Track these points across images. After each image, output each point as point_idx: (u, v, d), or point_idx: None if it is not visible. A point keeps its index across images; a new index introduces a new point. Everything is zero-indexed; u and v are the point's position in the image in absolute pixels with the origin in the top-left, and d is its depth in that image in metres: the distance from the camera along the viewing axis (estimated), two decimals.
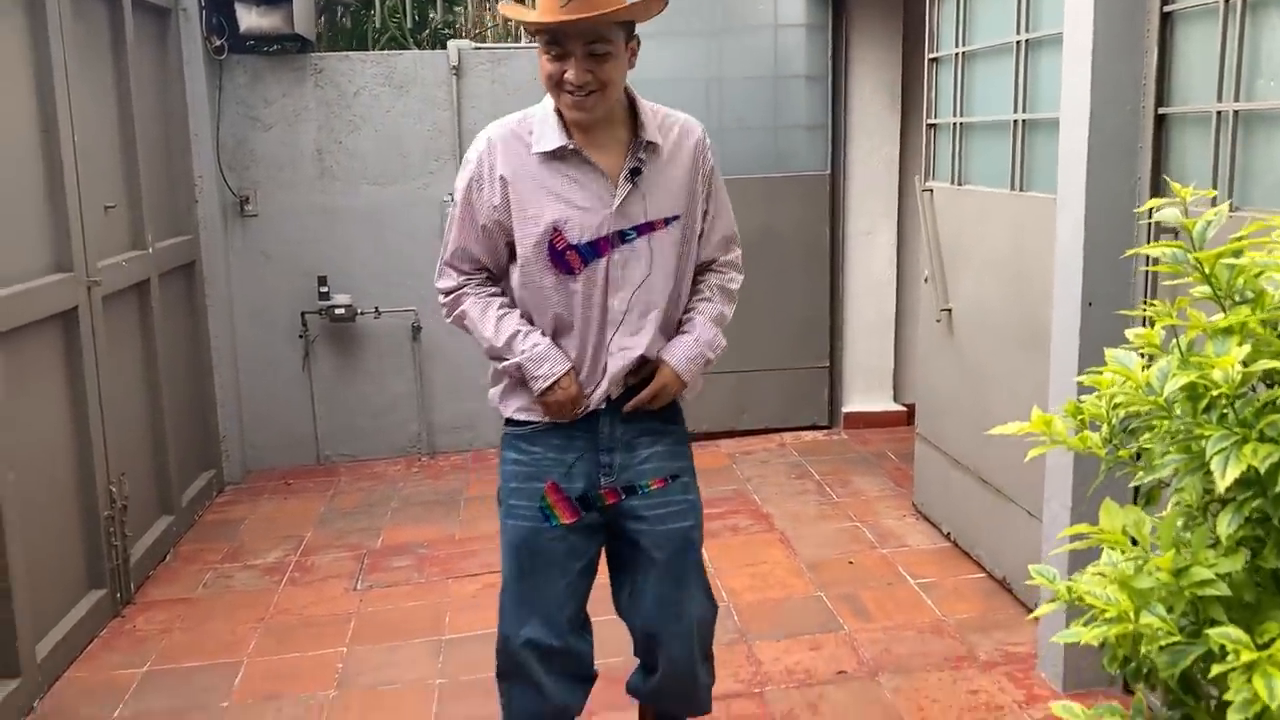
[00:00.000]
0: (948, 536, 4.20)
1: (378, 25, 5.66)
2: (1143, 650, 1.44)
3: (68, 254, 3.68)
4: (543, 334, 2.30)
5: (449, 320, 2.40)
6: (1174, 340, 1.45)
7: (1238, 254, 1.44)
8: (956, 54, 3.98)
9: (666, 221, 2.29)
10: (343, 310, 5.36)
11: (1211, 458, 1.27)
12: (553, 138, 2.22)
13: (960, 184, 4.01)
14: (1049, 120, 3.31)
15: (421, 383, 5.60)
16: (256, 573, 4.24)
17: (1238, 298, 1.44)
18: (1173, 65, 2.74)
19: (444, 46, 5.60)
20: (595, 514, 2.34)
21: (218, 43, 5.13)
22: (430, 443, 5.66)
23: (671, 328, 2.38)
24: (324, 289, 5.37)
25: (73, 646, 3.54)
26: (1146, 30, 2.77)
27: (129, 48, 4.30)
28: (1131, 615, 1.37)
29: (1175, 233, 1.99)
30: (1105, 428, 1.54)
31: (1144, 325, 1.57)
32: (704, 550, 2.46)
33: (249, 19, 5.05)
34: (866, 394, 5.81)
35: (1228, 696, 1.26)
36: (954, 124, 4.03)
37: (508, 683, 2.41)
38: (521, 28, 2.34)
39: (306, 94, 5.32)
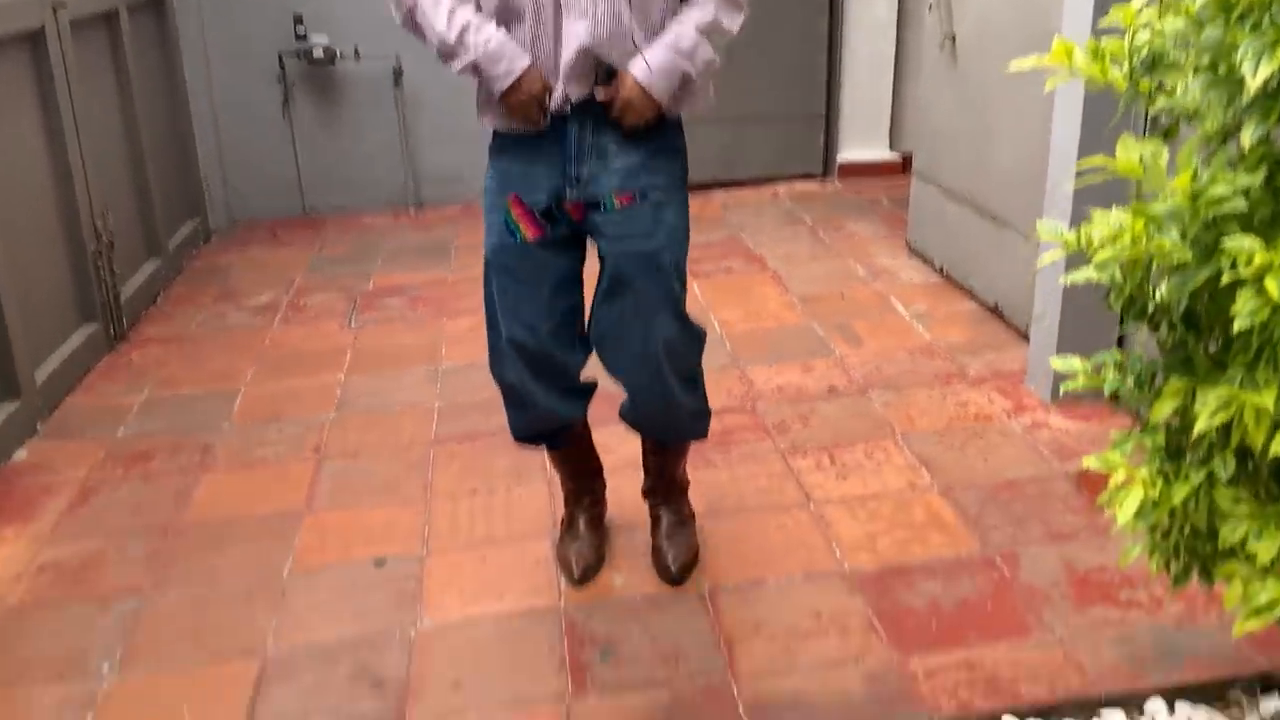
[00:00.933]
0: (940, 271, 4.20)
1: None
2: (1150, 282, 1.43)
3: None
4: (497, 26, 2.02)
5: (398, 19, 2.09)
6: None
7: None
8: None
9: None
10: (320, 53, 5.16)
11: (1242, 62, 1.22)
12: None
13: None
14: None
15: (406, 132, 5.45)
16: (249, 313, 4.24)
17: None
18: None
19: None
20: (564, 228, 2.15)
21: None
22: (417, 194, 5.57)
23: (652, 23, 2.04)
24: (300, 28, 5.15)
25: (70, 375, 3.56)
26: None
27: None
28: (1143, 240, 1.35)
29: None
30: (1126, 64, 1.48)
31: None
32: (693, 284, 2.40)
33: None
34: (862, 142, 5.70)
35: (1234, 309, 1.25)
36: None
37: (502, 388, 2.33)
38: None
39: None
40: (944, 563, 2.41)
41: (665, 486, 2.50)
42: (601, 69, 2.03)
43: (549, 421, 2.35)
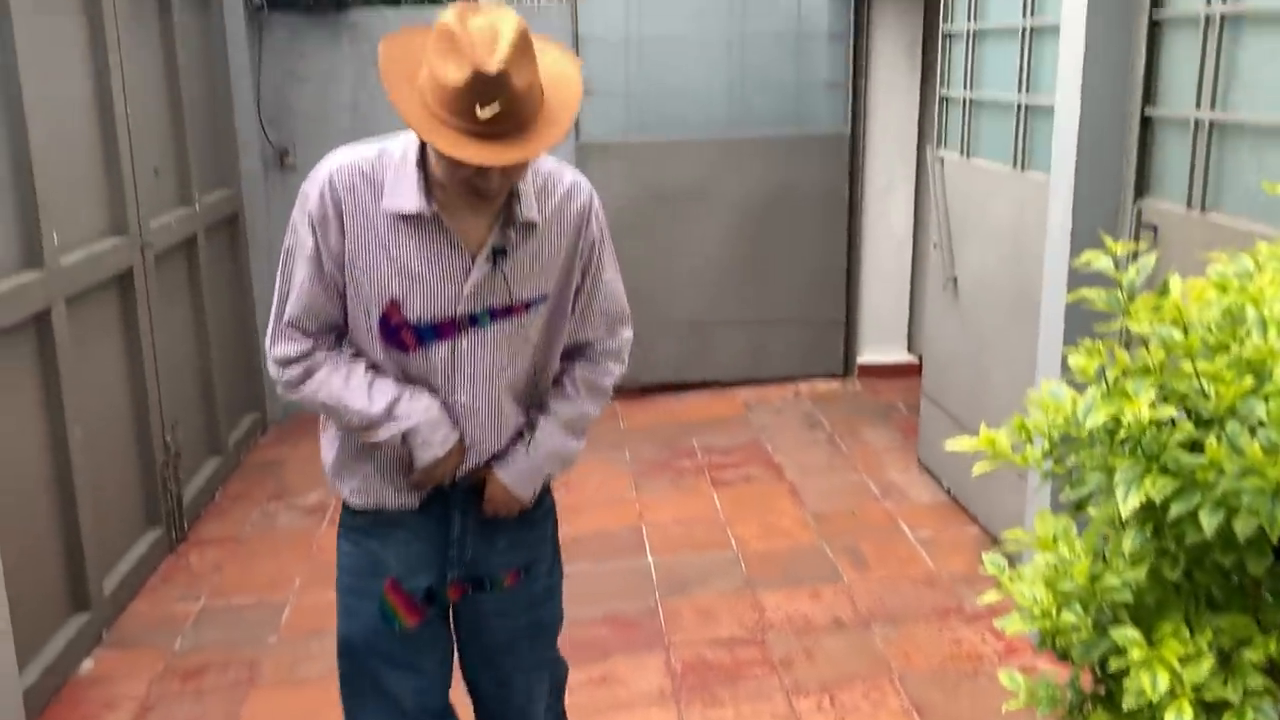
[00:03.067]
0: (948, 491, 4.45)
1: None
2: (1060, 642, 1.69)
3: (123, 217, 3.93)
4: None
5: (296, 397, 1.93)
6: (1104, 372, 1.67)
7: (1162, 296, 1.64)
8: (968, 30, 4.10)
9: (529, 305, 1.92)
10: None
11: (1117, 486, 1.49)
12: (410, 198, 1.81)
13: (969, 156, 4.17)
14: (1049, 105, 3.46)
15: None
16: (300, 513, 4.56)
17: (1161, 337, 1.65)
18: (1160, 70, 2.89)
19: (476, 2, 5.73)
20: (440, 607, 2.08)
21: (258, 1, 5.30)
22: None
23: (533, 402, 2.05)
24: None
25: (134, 581, 3.88)
26: (1135, 35, 2.92)
27: (174, 14, 4.50)
28: (1054, 613, 1.61)
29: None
30: (1045, 442, 1.76)
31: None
32: (714, 495, 2.61)
33: None
34: (880, 345, 6.02)
35: (1125, 685, 1.50)
36: (964, 98, 4.17)
37: None
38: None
39: (342, 49, 5.50)
40: None
41: None
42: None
43: None
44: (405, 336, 1.89)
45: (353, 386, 1.90)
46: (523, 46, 1.67)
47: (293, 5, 5.40)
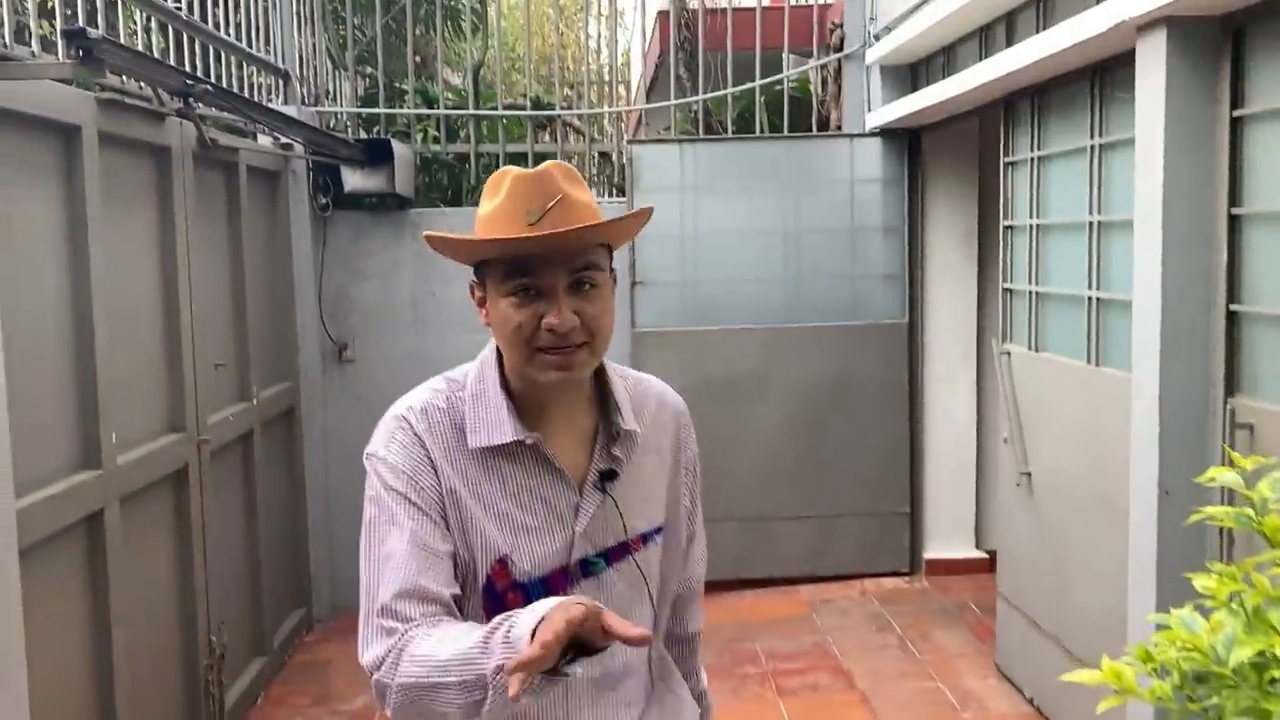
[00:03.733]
0: (1030, 701, 4.15)
1: (472, 181, 5.98)
2: None
3: (181, 414, 3.92)
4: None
5: (395, 707, 1.41)
6: (1239, 599, 1.51)
7: None
8: (1031, 225, 4.08)
9: (645, 539, 1.63)
10: None
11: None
12: (502, 427, 1.53)
13: (1037, 350, 4.07)
14: (1123, 300, 3.38)
15: None
16: (342, 719, 4.35)
17: None
18: (1243, 264, 2.81)
19: None
20: None
21: (323, 201, 5.46)
22: None
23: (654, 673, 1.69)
24: None
25: None
26: (1215, 230, 2.85)
27: (243, 212, 4.62)
28: None
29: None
30: (1176, 674, 1.59)
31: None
32: (779, 704, 2.39)
33: (354, 180, 5.38)
34: (948, 540, 5.79)
35: None
36: (1030, 291, 4.11)
37: None
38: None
39: (404, 247, 5.62)
40: None
41: None
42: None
43: None
44: (511, 600, 1.52)
45: (444, 642, 1.38)
46: (569, 171, 1.54)
47: (357, 205, 5.55)
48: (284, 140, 5.17)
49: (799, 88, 6.46)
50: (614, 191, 6.39)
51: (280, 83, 5.42)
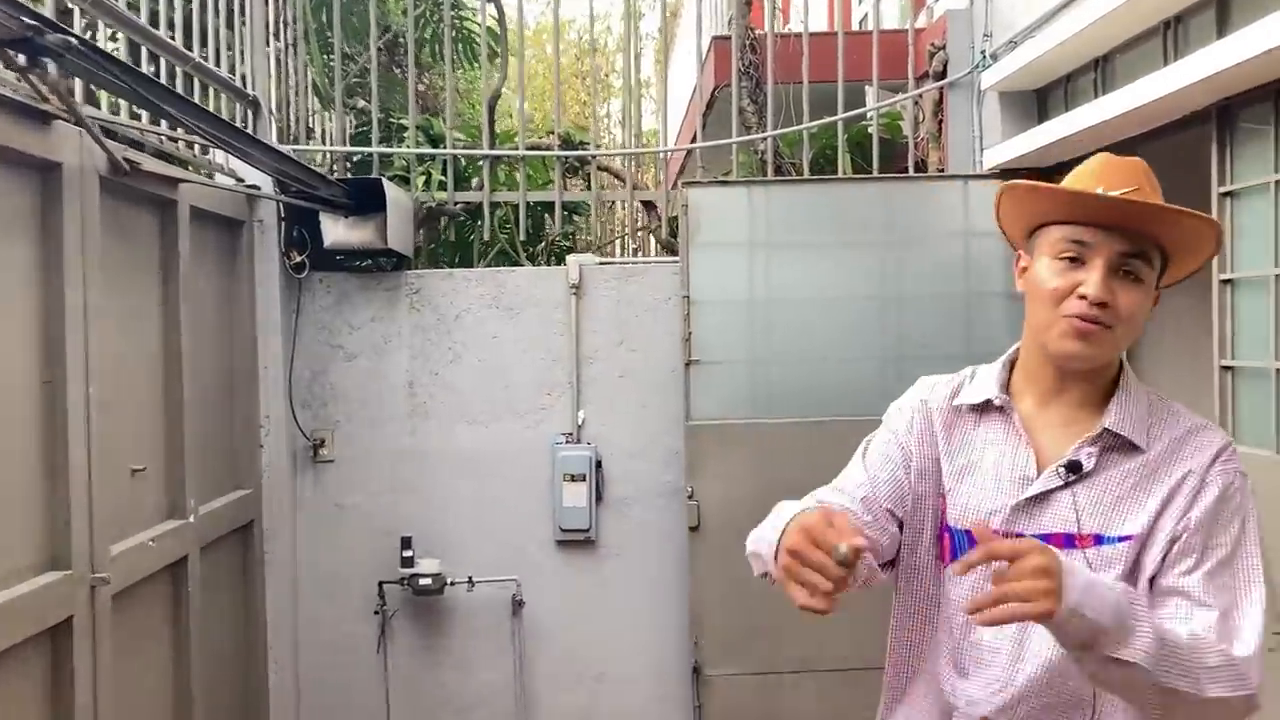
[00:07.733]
0: None
1: (485, 238, 4.84)
2: None
3: (66, 544, 2.72)
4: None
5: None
6: None
7: None
8: (1272, 276, 2.91)
9: (1099, 539, 1.58)
10: (429, 580, 4.32)
11: None
12: (985, 387, 1.71)
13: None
14: None
15: (522, 670, 4.47)
16: None
17: None
18: None
19: (562, 261, 4.74)
20: None
21: (298, 259, 4.31)
22: None
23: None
24: (407, 553, 4.35)
25: None
26: None
27: (182, 267, 3.46)
28: None
29: None
30: None
31: None
32: None
33: (336, 232, 4.24)
34: None
35: None
36: (1275, 370, 2.91)
37: None
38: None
39: (399, 317, 4.46)
40: None
41: None
42: None
43: None
44: (944, 540, 1.70)
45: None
46: (1150, 172, 1.63)
47: (341, 265, 4.41)
48: (249, 182, 4.06)
49: (887, 125, 5.33)
50: (661, 249, 5.23)
51: (249, 112, 4.31)
